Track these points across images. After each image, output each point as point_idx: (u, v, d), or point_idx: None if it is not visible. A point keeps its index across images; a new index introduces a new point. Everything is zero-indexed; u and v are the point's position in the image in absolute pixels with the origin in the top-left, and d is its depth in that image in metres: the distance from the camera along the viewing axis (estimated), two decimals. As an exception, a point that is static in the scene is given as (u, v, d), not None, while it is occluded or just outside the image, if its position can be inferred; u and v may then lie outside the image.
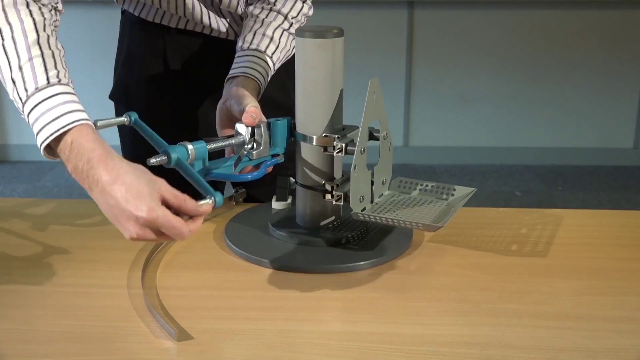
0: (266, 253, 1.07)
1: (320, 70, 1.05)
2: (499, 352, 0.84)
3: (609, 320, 0.91)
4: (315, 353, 0.84)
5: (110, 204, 0.88)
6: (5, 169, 4.01)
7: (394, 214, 1.09)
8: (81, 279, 1.03)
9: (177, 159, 0.98)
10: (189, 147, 1.00)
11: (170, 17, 1.32)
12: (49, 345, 0.86)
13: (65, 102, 0.93)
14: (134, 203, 0.86)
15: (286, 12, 1.26)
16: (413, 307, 0.95)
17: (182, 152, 0.99)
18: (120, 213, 0.87)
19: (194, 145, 1.01)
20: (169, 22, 1.33)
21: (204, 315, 0.93)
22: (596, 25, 3.88)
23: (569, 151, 4.05)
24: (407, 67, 3.95)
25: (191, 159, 1.01)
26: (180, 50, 1.36)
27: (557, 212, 1.26)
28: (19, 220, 1.23)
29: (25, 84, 0.93)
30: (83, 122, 0.92)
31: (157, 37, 1.34)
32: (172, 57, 1.36)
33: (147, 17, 1.34)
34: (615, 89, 3.98)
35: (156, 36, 1.34)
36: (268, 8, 1.26)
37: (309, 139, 1.08)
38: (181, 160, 0.98)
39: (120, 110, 1.46)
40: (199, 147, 1.01)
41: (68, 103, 0.93)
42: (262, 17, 1.25)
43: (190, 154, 1.00)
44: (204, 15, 1.30)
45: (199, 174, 1.02)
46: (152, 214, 0.85)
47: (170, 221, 0.86)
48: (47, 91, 0.93)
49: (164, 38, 1.35)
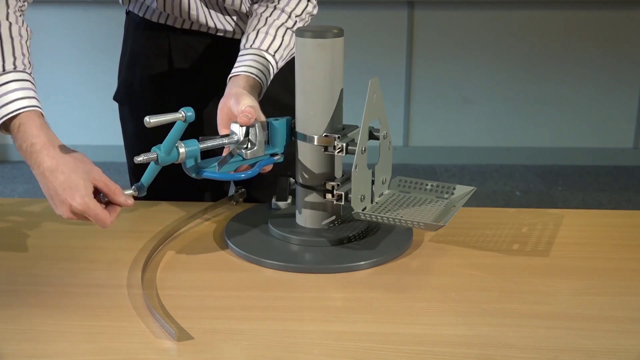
0: (266, 253, 1.07)
1: (320, 70, 1.05)
2: (498, 352, 0.84)
3: (609, 320, 0.91)
4: (315, 353, 0.84)
5: (48, 186, 1.00)
6: (5, 169, 4.01)
7: (395, 213, 1.09)
8: (81, 279, 1.03)
9: (164, 158, 1.00)
10: (180, 150, 1.01)
11: (174, 19, 1.32)
12: (49, 345, 0.86)
13: (18, 89, 1.04)
14: (70, 193, 0.98)
15: (290, 10, 1.26)
16: (413, 307, 0.95)
17: (174, 153, 1.01)
18: (55, 196, 1.00)
19: (186, 145, 1.01)
20: (174, 22, 1.33)
21: (204, 315, 0.93)
22: (596, 25, 3.88)
23: (569, 151, 4.05)
24: (407, 67, 3.95)
25: (182, 158, 1.01)
26: (184, 50, 1.36)
27: (557, 212, 1.26)
28: (19, 220, 1.23)
29: None
30: (31, 109, 1.04)
31: (161, 38, 1.34)
32: (176, 57, 1.36)
33: (151, 18, 1.34)
34: (615, 89, 3.98)
35: (161, 36, 1.34)
36: (272, 6, 1.26)
37: (309, 138, 1.08)
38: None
39: (125, 111, 1.46)
40: (190, 147, 1.02)
41: (20, 90, 1.04)
42: (266, 15, 1.25)
43: (181, 153, 1.01)
44: (209, 19, 1.30)
45: (190, 171, 1.04)
46: (84, 206, 0.98)
47: (98, 214, 0.99)
48: (2, 78, 1.04)
49: (169, 38, 1.35)
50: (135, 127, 1.43)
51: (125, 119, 1.46)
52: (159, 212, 1.27)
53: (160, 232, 1.14)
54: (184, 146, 1.01)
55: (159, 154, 1.00)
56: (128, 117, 1.45)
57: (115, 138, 1.40)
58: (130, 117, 1.44)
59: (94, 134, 4.05)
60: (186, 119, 0.98)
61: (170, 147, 1.00)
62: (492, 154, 4.06)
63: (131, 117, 1.44)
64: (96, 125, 4.03)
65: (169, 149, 1.00)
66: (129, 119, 1.45)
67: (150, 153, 1.00)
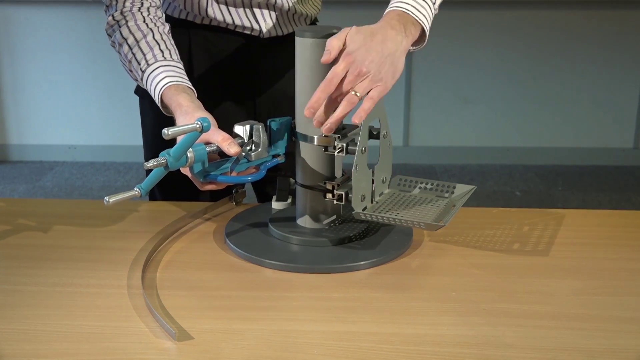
0: (266, 253, 1.07)
1: (320, 70, 1.05)
2: (498, 352, 0.84)
3: (609, 320, 0.91)
4: (315, 353, 0.84)
5: None
6: (5, 169, 4.01)
7: (395, 213, 1.09)
8: (81, 279, 1.03)
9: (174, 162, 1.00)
10: (188, 155, 1.01)
11: (195, 15, 1.33)
12: (49, 345, 0.86)
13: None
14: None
15: None
16: (413, 307, 0.95)
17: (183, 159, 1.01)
18: None
19: (194, 148, 1.01)
20: (194, 18, 1.34)
21: (204, 315, 0.93)
22: (596, 25, 3.88)
23: (569, 151, 4.05)
24: (407, 67, 3.95)
25: (190, 163, 1.01)
26: (205, 45, 1.37)
27: (557, 212, 1.26)
28: (19, 220, 1.23)
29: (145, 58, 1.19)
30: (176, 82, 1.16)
31: (181, 33, 1.35)
32: (196, 52, 1.37)
33: (172, 14, 1.36)
34: (615, 89, 3.98)
35: (181, 32, 1.34)
36: None
37: (309, 138, 1.08)
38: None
39: (145, 104, 1.46)
40: (198, 151, 1.02)
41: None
42: None
43: (189, 157, 1.01)
44: (226, 15, 1.31)
45: (198, 176, 1.03)
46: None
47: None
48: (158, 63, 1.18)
49: (189, 34, 1.36)
50: (155, 120, 1.43)
51: (144, 112, 1.47)
52: (159, 212, 1.27)
53: (160, 232, 1.14)
54: (192, 150, 1.01)
55: (168, 159, 0.99)
56: (148, 111, 1.45)
57: (115, 138, 1.41)
58: (150, 110, 1.44)
59: (93, 133, 4.06)
60: (203, 130, 0.98)
61: (181, 153, 1.00)
62: (492, 154, 4.06)
63: (151, 110, 1.44)
64: (96, 125, 4.03)
65: (180, 155, 1.00)
66: (148, 112, 1.45)
67: (160, 158, 1.00)
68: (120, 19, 1.23)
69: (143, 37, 1.21)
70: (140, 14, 1.23)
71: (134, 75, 1.23)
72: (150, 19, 1.23)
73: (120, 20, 1.23)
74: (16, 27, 3.95)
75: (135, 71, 1.21)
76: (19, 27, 3.95)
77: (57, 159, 4.11)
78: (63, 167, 4.02)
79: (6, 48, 3.99)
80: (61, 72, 3.97)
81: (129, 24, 1.22)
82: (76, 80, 3.98)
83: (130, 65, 1.22)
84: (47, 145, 4.10)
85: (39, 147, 4.11)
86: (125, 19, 1.22)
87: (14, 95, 4.03)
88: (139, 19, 1.23)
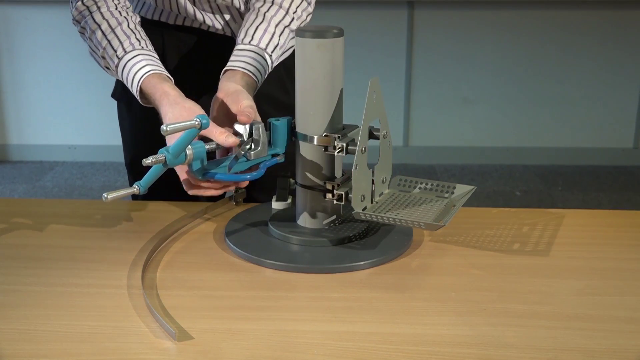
0: (266, 253, 1.07)
1: (320, 70, 1.05)
2: (498, 352, 0.84)
3: (609, 320, 0.91)
4: (315, 353, 0.84)
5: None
6: (5, 169, 4.01)
7: (395, 213, 1.09)
8: (81, 279, 1.03)
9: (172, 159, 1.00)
10: (187, 152, 1.00)
11: (168, 15, 1.33)
12: (48, 345, 0.86)
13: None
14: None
15: (287, 6, 1.26)
16: (413, 307, 0.95)
17: (181, 156, 1.00)
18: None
19: (192, 145, 1.01)
20: (167, 18, 1.34)
21: (204, 315, 0.93)
22: (596, 25, 3.88)
23: (569, 151, 4.06)
24: (407, 67, 3.95)
25: (189, 160, 1.01)
26: (178, 46, 1.37)
27: (557, 211, 1.26)
28: (19, 220, 1.23)
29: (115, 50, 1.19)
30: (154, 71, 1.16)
31: (155, 34, 1.34)
32: (170, 54, 1.37)
33: (146, 15, 1.36)
34: (615, 88, 3.98)
35: (154, 33, 1.34)
36: (270, 1, 1.26)
37: (309, 138, 1.08)
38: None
39: (122, 108, 1.46)
40: (197, 148, 1.02)
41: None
42: (264, 10, 1.25)
43: (188, 155, 1.01)
44: (202, 14, 1.31)
45: (196, 174, 1.03)
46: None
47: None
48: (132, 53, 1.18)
49: (163, 35, 1.36)
50: (132, 123, 1.44)
51: (122, 116, 1.47)
52: (159, 212, 1.27)
53: (160, 232, 1.14)
54: (191, 147, 1.01)
55: (167, 156, 0.99)
56: (125, 114, 1.46)
57: (114, 138, 1.40)
58: (127, 114, 1.45)
59: (93, 133, 4.06)
60: (201, 127, 0.98)
61: (179, 150, 0.99)
62: (492, 154, 4.06)
63: (128, 114, 1.44)
64: (96, 125, 4.03)
65: (178, 152, 1.00)
66: (126, 116, 1.45)
67: (159, 155, 0.99)
68: (91, 5, 1.22)
69: (118, 25, 1.20)
70: (111, 1, 1.22)
71: (106, 62, 1.21)
72: (122, 7, 1.23)
73: (92, 6, 1.22)
74: (16, 27, 3.95)
75: (110, 58, 1.20)
76: (19, 27, 3.95)
77: (57, 159, 4.12)
78: (63, 167, 4.02)
79: (6, 48, 3.99)
80: (61, 72, 3.97)
81: (102, 10, 1.22)
82: (76, 80, 3.97)
83: (104, 52, 1.21)
84: (47, 145, 4.10)
85: (39, 147, 4.11)
86: (96, 5, 1.22)
87: (14, 95, 4.03)
88: (111, 5, 1.22)
